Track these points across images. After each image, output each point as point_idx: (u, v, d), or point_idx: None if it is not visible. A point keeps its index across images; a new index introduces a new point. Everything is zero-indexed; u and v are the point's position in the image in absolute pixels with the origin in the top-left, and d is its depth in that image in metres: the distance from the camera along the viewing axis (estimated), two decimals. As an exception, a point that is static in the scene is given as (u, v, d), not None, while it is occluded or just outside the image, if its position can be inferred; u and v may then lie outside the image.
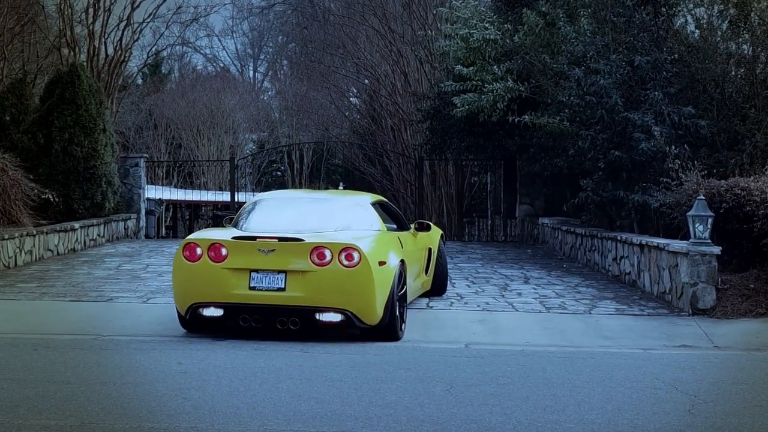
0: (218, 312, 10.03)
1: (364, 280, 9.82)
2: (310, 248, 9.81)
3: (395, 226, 11.90)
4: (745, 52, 17.26)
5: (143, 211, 23.58)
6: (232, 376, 7.86)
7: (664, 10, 17.28)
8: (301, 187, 44.02)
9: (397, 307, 10.31)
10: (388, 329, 10.20)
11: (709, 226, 12.02)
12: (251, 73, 60.38)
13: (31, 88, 22.04)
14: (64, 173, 19.95)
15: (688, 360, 9.38)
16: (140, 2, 27.39)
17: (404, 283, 10.73)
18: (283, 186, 46.05)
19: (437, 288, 13.20)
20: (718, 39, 17.28)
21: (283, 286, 9.80)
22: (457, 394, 7.29)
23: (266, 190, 41.77)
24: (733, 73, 17.11)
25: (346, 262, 9.79)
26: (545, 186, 21.54)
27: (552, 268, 16.52)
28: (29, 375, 7.80)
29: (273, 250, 9.82)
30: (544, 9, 18.59)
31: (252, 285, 9.85)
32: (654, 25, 16.83)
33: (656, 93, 16.01)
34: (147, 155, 27.26)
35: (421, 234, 12.52)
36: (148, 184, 24.73)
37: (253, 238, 10.03)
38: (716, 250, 11.99)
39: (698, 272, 11.95)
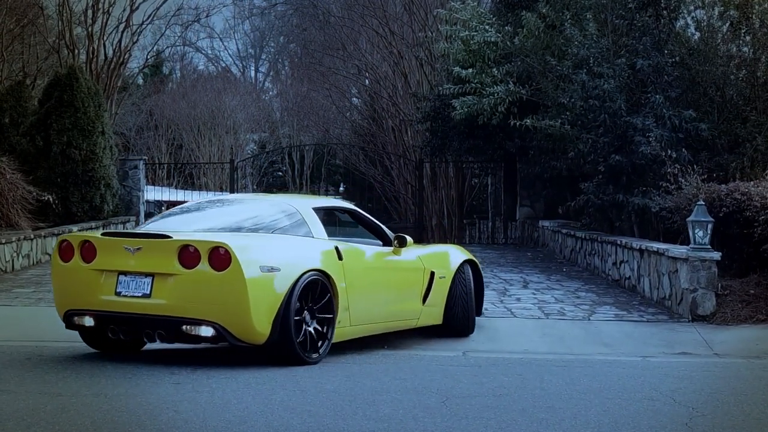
0: (91, 321, 8.88)
1: (235, 286, 8.33)
2: (177, 247, 8.44)
3: (380, 242, 10.24)
4: (746, 54, 17.18)
5: (143, 214, 23.54)
6: (225, 386, 7.77)
7: (666, 12, 17.21)
8: (302, 188, 43.99)
9: (307, 326, 8.78)
10: (282, 350, 8.65)
11: (708, 232, 11.94)
12: (252, 73, 60.37)
13: (30, 91, 22.01)
14: (62, 176, 19.92)
15: (687, 369, 9.29)
16: (139, 4, 27.35)
17: (325, 300, 8.98)
18: (284, 186, 46.03)
19: (450, 326, 10.73)
20: (719, 41, 17.21)
21: (148, 292, 8.50)
22: (453, 406, 7.20)
23: (267, 191, 41.76)
24: (733, 75, 17.03)
25: (215, 265, 8.34)
26: (545, 188, 21.48)
27: (552, 272, 16.44)
28: (20, 386, 7.71)
29: (139, 249, 8.56)
30: (544, 11, 18.52)
31: (118, 290, 8.63)
32: (655, 27, 16.76)
33: (657, 96, 15.94)
34: (146, 157, 27.26)
35: (410, 251, 10.42)
36: (148, 185, 24.70)
37: (120, 235, 9.02)
38: (716, 255, 11.91)
39: (698, 278, 11.86)
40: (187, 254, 8.40)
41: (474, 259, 11.24)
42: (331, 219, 10.74)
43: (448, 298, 10.66)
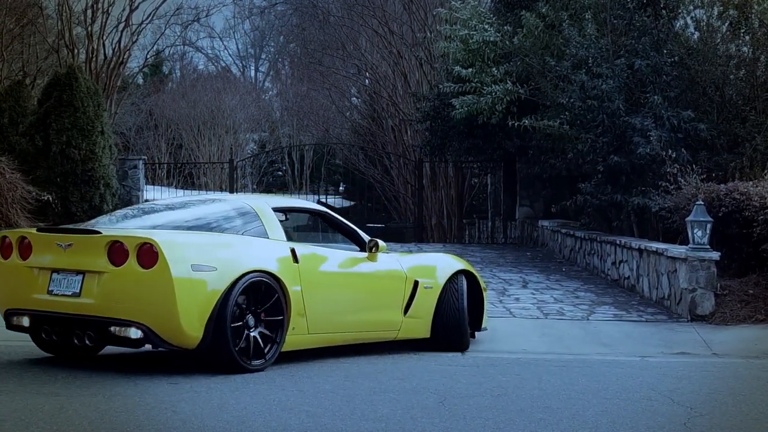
0: (27, 321, 8.52)
1: (162, 285, 7.87)
2: (106, 243, 8.05)
3: (355, 248, 9.65)
4: (745, 54, 17.18)
5: (142, 214, 23.50)
6: (223, 386, 7.77)
7: (665, 12, 17.22)
8: (302, 188, 43.98)
9: (250, 330, 8.31)
10: (216, 355, 8.19)
11: (707, 232, 11.95)
12: (252, 73, 60.38)
13: (29, 90, 22.00)
14: (62, 176, 19.89)
15: (685, 369, 9.30)
16: (139, 4, 27.35)
17: (273, 304, 8.49)
18: (284, 186, 46.03)
19: (438, 341, 9.93)
20: (718, 41, 17.20)
21: (78, 291, 8.12)
22: (451, 406, 7.20)
23: (267, 191, 41.75)
24: (733, 75, 17.02)
25: (143, 262, 7.91)
26: (545, 188, 21.49)
27: (551, 272, 16.44)
28: (18, 387, 7.72)
29: (70, 245, 8.21)
30: (543, 11, 18.52)
31: (50, 288, 8.27)
32: (654, 27, 16.76)
33: (656, 96, 15.94)
34: (146, 157, 27.26)
35: (392, 258, 9.90)
36: (148, 185, 24.69)
37: (55, 230, 8.71)
38: (715, 255, 11.92)
39: (697, 278, 11.87)
40: (116, 251, 8.01)
41: (471, 269, 10.37)
42: (324, 224, 10.31)
43: (436, 311, 9.87)
